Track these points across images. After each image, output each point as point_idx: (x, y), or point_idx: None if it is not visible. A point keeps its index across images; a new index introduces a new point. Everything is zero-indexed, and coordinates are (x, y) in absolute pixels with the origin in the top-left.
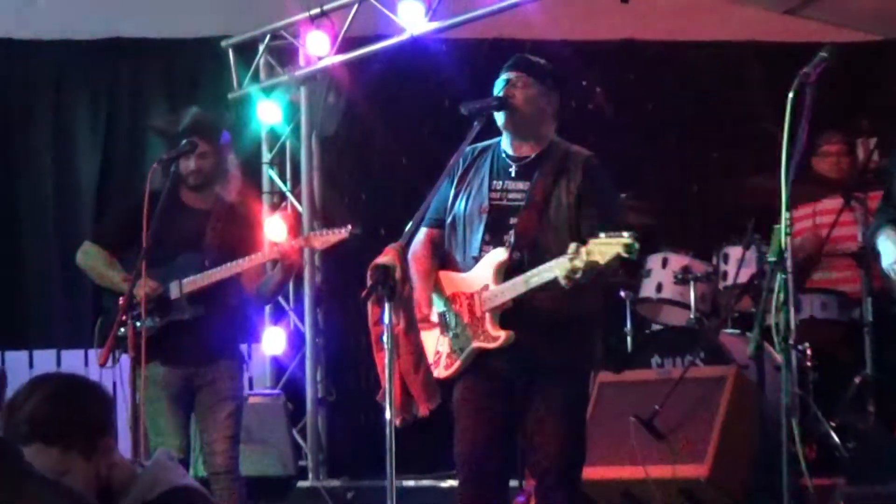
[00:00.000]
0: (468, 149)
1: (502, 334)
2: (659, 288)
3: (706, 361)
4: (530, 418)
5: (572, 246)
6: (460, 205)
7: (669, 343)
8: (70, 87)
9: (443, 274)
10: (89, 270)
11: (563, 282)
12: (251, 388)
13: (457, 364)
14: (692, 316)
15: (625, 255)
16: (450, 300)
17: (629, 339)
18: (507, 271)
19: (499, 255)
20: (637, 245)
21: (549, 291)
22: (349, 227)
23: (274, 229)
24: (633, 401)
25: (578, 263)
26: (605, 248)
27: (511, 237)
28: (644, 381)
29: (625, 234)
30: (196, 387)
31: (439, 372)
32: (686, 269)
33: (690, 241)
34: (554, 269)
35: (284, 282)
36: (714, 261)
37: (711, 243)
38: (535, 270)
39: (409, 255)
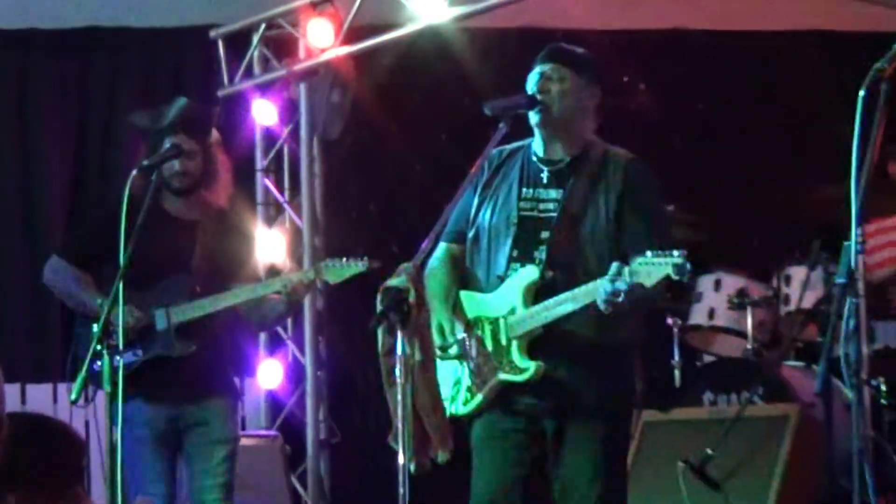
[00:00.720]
0: (494, 151)
1: (531, 366)
2: (711, 314)
3: (766, 398)
4: (562, 462)
5: (614, 266)
6: (485, 216)
7: (723, 377)
8: (36, 84)
9: (464, 294)
10: (58, 289)
11: (602, 307)
12: (244, 427)
13: (478, 399)
14: (749, 346)
15: (675, 276)
16: (471, 325)
17: (677, 372)
18: (537, 293)
19: (529, 274)
20: (689, 266)
21: (586, 318)
22: (366, 259)
23: (270, 247)
24: (682, 443)
25: (620, 286)
26: (652, 268)
27: (542, 254)
28: (694, 420)
29: (675, 252)
30: (184, 427)
31: (457, 408)
32: (742, 293)
33: (747, 260)
34: (592, 293)
35: (285, 317)
36: (774, 283)
37: (771, 263)
38: (569, 293)
39: (426, 273)
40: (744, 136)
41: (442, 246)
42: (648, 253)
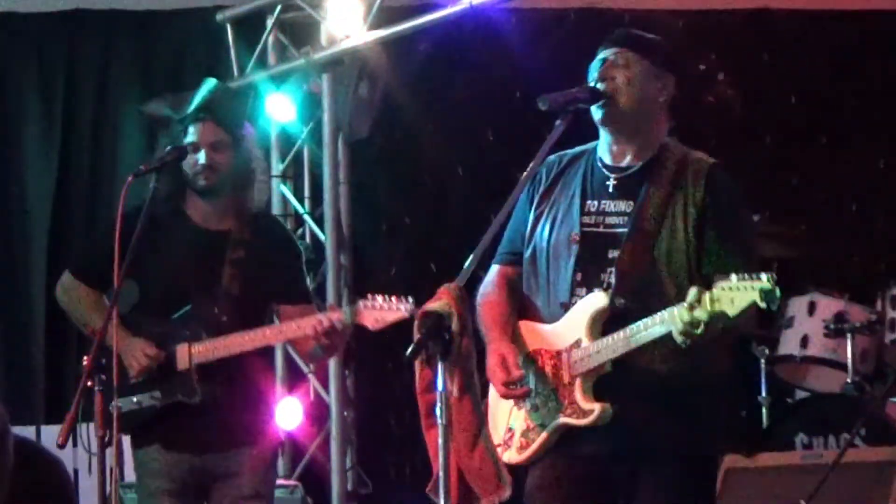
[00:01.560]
0: (552, 157)
1: (596, 408)
2: (804, 342)
3: (869, 440)
4: None
5: (693, 291)
6: (542, 233)
7: (819, 416)
8: (16, 73)
9: (522, 325)
10: (71, 314)
11: (678, 338)
12: None
13: (535, 445)
14: (849, 380)
15: (762, 304)
16: (530, 359)
17: (765, 410)
18: (605, 323)
19: (596, 301)
20: (779, 292)
21: (661, 351)
22: (410, 302)
23: None
24: (772, 492)
25: (701, 315)
26: (736, 294)
27: (611, 277)
28: (786, 466)
29: (763, 276)
30: (210, 479)
31: (510, 455)
32: (841, 317)
33: (847, 279)
34: (668, 322)
35: (325, 358)
36: (879, 306)
37: (874, 283)
38: (641, 323)
39: (479, 300)
40: (842, 135)
41: (494, 269)
42: (733, 276)
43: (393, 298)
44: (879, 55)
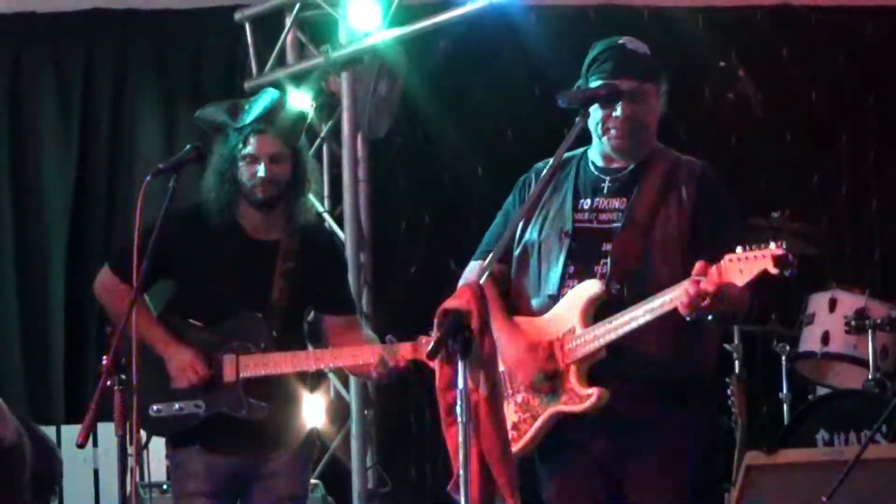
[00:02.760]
0: (540, 164)
1: (594, 392)
2: (826, 339)
3: (891, 438)
4: None
5: (698, 264)
6: (533, 231)
7: (840, 413)
8: (33, 75)
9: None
10: (109, 310)
11: (683, 310)
12: None
13: (527, 436)
14: (870, 377)
15: (774, 271)
16: None
17: (786, 407)
18: (600, 309)
19: (590, 288)
20: (792, 258)
21: (658, 335)
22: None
23: None
24: (792, 489)
25: (707, 286)
26: (745, 265)
27: (605, 267)
28: (807, 463)
29: (772, 243)
30: (247, 481)
31: None
32: (862, 314)
33: (868, 275)
34: (675, 299)
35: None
36: None
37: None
38: (644, 304)
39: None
40: (866, 131)
41: (474, 263)
42: (738, 248)
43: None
44: None
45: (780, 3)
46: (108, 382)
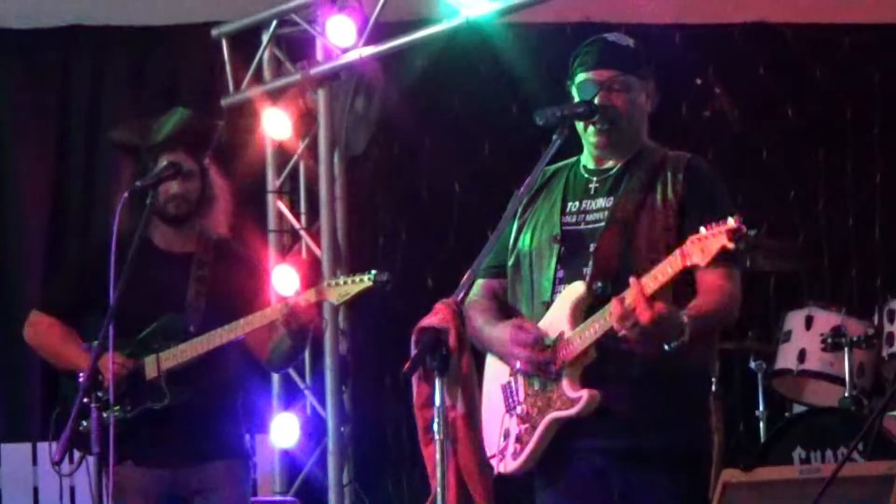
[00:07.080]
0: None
1: (584, 394)
2: (802, 356)
3: (867, 455)
4: None
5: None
6: (525, 240)
7: (816, 430)
8: (10, 89)
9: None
10: (42, 350)
11: (617, 327)
12: (255, 493)
13: (528, 448)
14: (847, 394)
15: (731, 246)
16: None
17: (762, 424)
18: (588, 310)
19: (574, 290)
20: (746, 230)
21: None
22: (374, 273)
23: (282, 281)
24: None
25: (670, 269)
26: (706, 243)
27: (590, 266)
28: (783, 480)
29: (729, 218)
30: (185, 495)
31: (506, 465)
32: (838, 331)
33: (844, 293)
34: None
35: (296, 349)
36: (876, 320)
37: (873, 296)
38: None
39: (469, 309)
40: (843, 147)
41: (479, 283)
42: (702, 229)
43: (354, 273)
44: (877, 68)
45: (757, 20)
46: (86, 400)
